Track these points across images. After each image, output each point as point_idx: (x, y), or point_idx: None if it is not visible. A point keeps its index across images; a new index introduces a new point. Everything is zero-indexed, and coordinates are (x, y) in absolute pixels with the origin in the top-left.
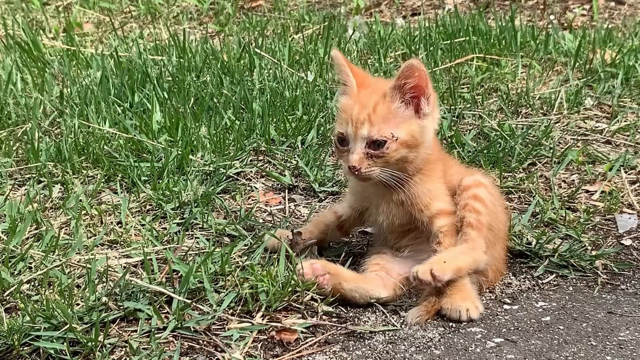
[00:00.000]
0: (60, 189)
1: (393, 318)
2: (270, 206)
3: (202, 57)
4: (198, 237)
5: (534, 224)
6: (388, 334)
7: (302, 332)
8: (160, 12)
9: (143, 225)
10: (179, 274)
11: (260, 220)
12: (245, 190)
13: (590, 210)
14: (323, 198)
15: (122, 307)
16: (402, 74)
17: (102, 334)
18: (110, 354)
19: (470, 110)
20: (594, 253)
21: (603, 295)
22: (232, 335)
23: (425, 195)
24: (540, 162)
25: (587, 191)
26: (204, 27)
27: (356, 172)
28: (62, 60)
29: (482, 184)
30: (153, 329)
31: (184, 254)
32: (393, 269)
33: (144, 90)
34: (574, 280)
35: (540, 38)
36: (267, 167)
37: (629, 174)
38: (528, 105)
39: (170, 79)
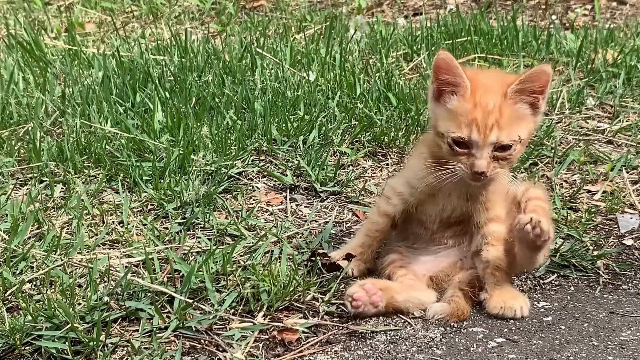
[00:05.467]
0: (62, 188)
1: (394, 318)
2: (272, 206)
3: (204, 57)
4: (199, 237)
5: None
6: (389, 334)
7: (303, 331)
8: (162, 11)
9: (145, 224)
10: (181, 274)
11: (262, 220)
12: (247, 190)
13: (592, 210)
14: (325, 198)
15: (123, 307)
16: (529, 77)
17: (103, 333)
18: (111, 354)
19: None
20: (595, 253)
21: (605, 295)
22: (233, 335)
23: (493, 194)
24: (542, 162)
25: (588, 191)
26: (205, 27)
27: (482, 177)
28: (64, 60)
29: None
30: (155, 329)
31: (185, 253)
32: (418, 270)
33: (146, 90)
34: (576, 280)
35: (542, 38)
36: (268, 166)
37: (630, 174)
38: None
39: (172, 78)
